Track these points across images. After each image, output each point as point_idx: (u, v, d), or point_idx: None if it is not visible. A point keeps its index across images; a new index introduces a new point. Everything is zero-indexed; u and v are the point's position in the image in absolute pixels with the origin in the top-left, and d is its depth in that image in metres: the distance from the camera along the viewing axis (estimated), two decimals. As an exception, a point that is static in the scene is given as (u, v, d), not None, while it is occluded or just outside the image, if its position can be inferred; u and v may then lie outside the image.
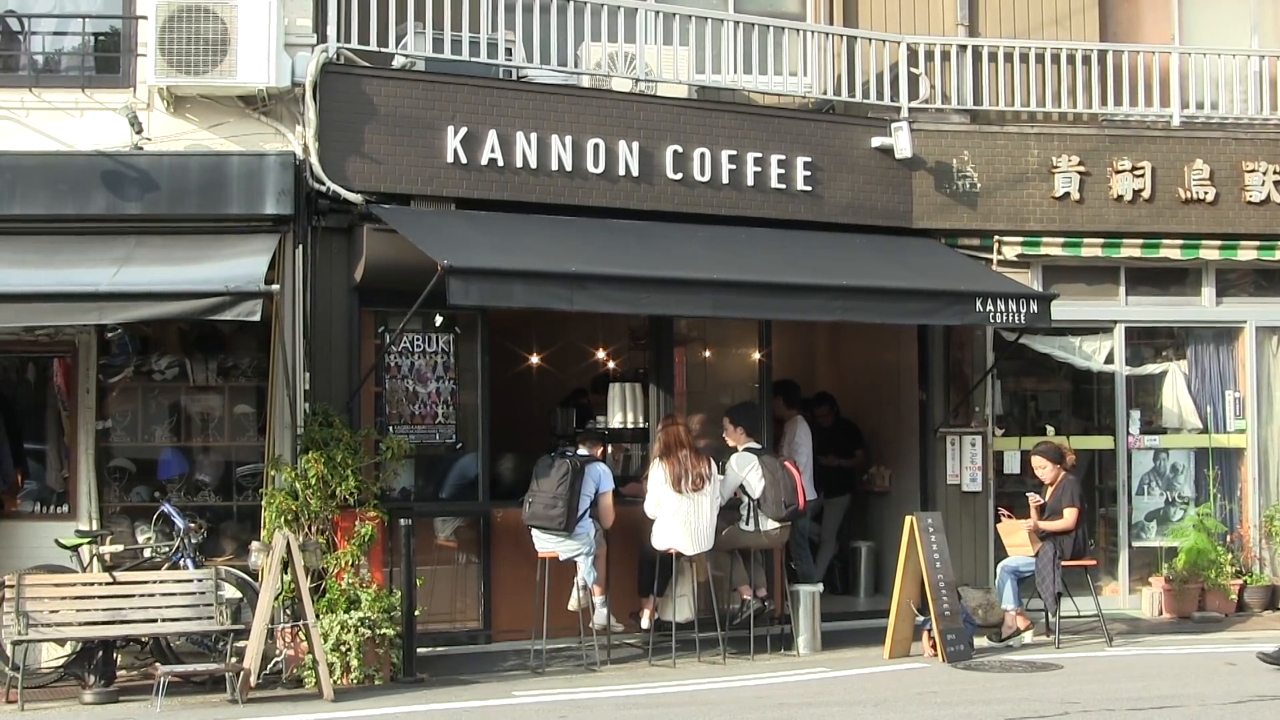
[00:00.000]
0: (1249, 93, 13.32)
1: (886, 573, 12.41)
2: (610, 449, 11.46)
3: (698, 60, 11.92)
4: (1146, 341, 13.32)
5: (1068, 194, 12.71)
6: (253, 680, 9.23)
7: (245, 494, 10.87)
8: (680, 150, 11.59)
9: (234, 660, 9.43)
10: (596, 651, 10.52)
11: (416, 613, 10.01)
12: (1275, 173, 13.04)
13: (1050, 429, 13.00)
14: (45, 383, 10.95)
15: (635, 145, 11.43)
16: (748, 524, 10.83)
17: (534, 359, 14.60)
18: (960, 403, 12.55)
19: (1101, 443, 13.09)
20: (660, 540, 10.62)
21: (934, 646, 10.48)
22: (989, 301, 11.14)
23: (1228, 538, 12.95)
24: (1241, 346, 13.31)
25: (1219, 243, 12.87)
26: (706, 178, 11.66)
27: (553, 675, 10.12)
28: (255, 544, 9.98)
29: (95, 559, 10.06)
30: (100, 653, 9.41)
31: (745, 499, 10.84)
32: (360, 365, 10.84)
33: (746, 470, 10.84)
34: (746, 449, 11.00)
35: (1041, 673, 10.02)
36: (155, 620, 9.61)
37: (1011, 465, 12.75)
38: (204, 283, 9.24)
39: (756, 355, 12.48)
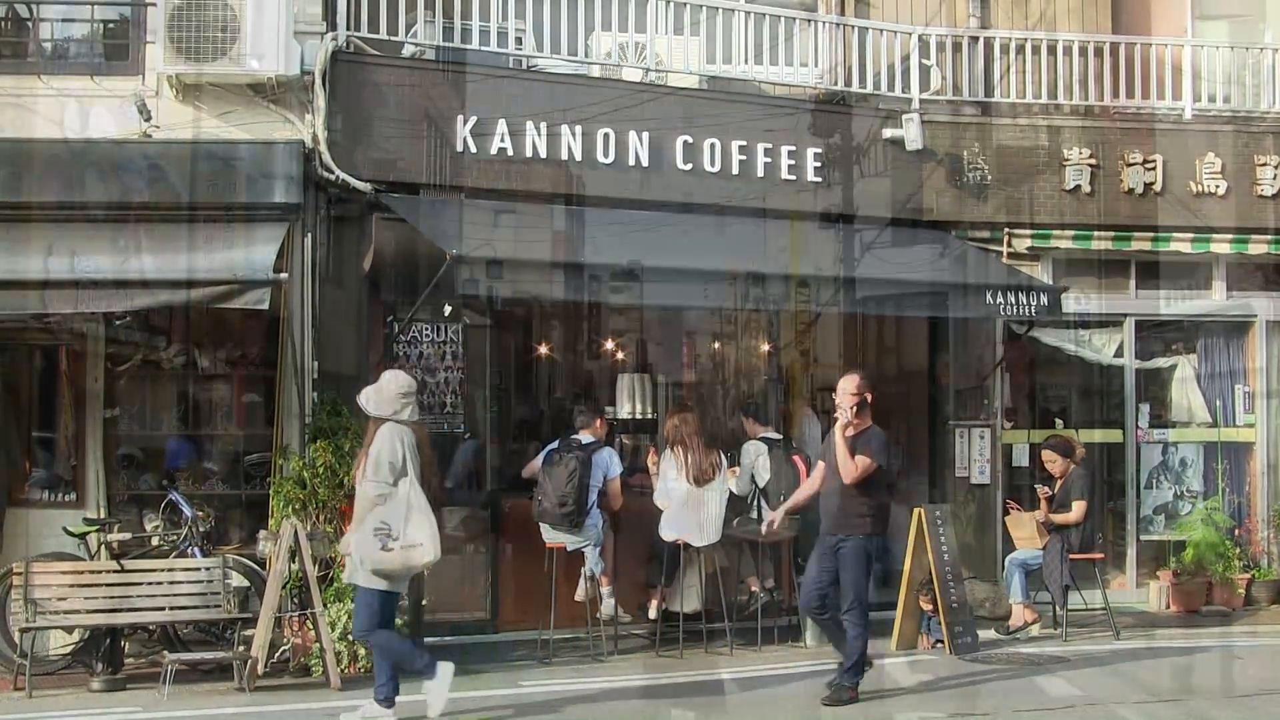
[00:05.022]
0: (1261, 86, 13.26)
1: (894, 565, 12.38)
2: (606, 422, 11.35)
3: (708, 50, 11.89)
4: (1156, 335, 13.28)
5: (1078, 186, 12.66)
6: (260, 668, 9.26)
7: (253, 483, 10.87)
8: (690, 141, 11.55)
9: (241, 648, 9.44)
10: (604, 642, 10.52)
11: (424, 602, 10.01)
12: (1288, 166, 13.01)
13: (1059, 422, 12.97)
14: (53, 371, 10.95)
15: (645, 136, 11.39)
16: (754, 514, 10.82)
17: (542, 349, 14.54)
18: (969, 395, 12.52)
19: (1110, 436, 13.06)
20: (669, 531, 10.60)
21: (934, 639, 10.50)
22: (999, 294, 11.12)
23: (1236, 532, 12.92)
24: (1252, 341, 13.26)
25: (1230, 236, 12.81)
26: (717, 168, 11.62)
27: (560, 665, 10.12)
28: (263, 532, 9.98)
29: (103, 547, 10.07)
30: (108, 640, 9.44)
31: (753, 488, 10.83)
32: (369, 354, 10.83)
33: (756, 458, 10.82)
34: (762, 438, 10.98)
35: (1048, 665, 10.00)
36: (163, 608, 9.63)
37: (1020, 458, 12.73)
38: (212, 271, 9.24)
39: (766, 347, 12.45)
